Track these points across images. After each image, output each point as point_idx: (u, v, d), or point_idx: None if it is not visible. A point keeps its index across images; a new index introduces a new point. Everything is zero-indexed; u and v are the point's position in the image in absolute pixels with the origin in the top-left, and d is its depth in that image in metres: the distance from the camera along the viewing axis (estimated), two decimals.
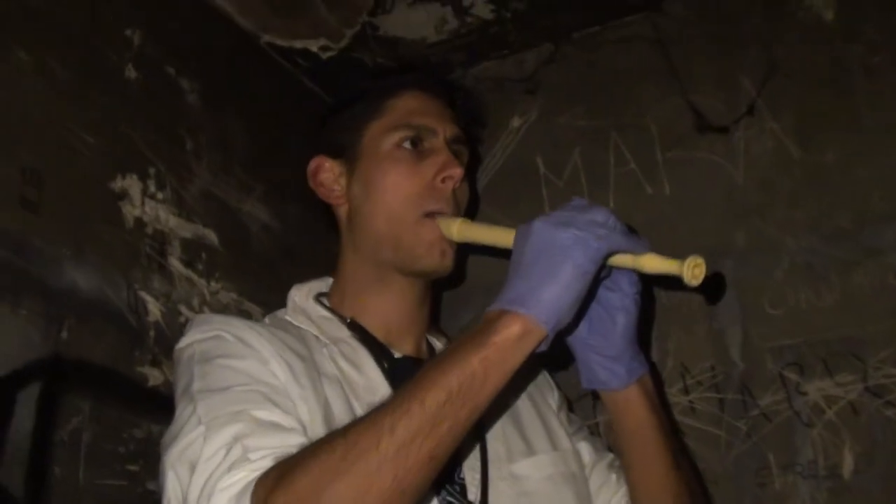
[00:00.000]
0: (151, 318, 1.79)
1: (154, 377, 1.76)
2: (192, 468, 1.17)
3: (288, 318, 1.48)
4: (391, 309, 1.50)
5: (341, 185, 1.54)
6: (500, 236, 1.36)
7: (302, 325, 1.46)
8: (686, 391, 2.00)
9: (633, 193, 2.18)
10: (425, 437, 1.10)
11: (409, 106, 1.53)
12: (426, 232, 1.46)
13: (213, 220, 1.99)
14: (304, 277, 1.58)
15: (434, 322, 1.62)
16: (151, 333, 1.79)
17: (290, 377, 1.31)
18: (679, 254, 1.18)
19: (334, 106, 1.63)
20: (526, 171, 2.31)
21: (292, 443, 1.18)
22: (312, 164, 1.57)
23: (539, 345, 1.17)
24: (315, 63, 2.32)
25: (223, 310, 1.97)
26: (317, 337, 1.44)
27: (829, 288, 1.94)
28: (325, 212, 1.60)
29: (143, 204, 1.83)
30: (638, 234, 1.26)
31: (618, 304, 1.33)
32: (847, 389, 1.88)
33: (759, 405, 1.94)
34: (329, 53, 2.29)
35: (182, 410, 1.26)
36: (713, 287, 1.99)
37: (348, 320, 1.48)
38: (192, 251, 1.93)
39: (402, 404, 1.12)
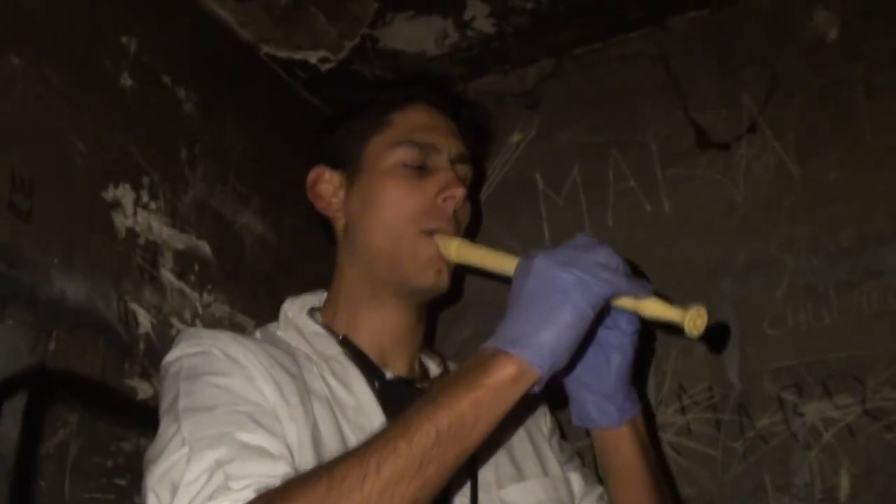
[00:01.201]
0: (142, 330, 1.77)
1: (143, 390, 1.74)
2: (174, 491, 1.15)
3: (279, 333, 1.47)
4: (385, 327, 1.49)
5: (340, 197, 1.53)
6: (499, 262, 1.34)
7: (293, 342, 1.44)
8: (683, 411, 1.98)
9: (633, 211, 2.16)
10: (411, 478, 1.09)
11: (414, 121, 1.52)
12: (423, 249, 1.44)
13: (206, 231, 1.97)
14: (299, 291, 1.56)
15: (428, 342, 1.60)
16: (141, 346, 1.77)
17: (278, 396, 1.29)
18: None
19: (337, 115, 1.62)
20: (525, 186, 2.29)
21: (276, 472, 1.16)
22: (312, 174, 1.55)
23: (532, 387, 1.16)
24: (314, 75, 2.31)
25: (215, 323, 1.94)
26: (307, 354, 1.42)
27: (830, 308, 1.92)
28: (323, 224, 1.58)
29: (136, 214, 1.81)
30: (643, 278, 1.24)
31: (614, 343, 1.31)
32: (846, 412, 1.86)
33: (755, 426, 1.93)
34: (328, 65, 2.28)
35: (166, 428, 1.24)
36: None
37: (340, 337, 1.46)
38: (185, 263, 1.91)
39: (390, 443, 1.10)
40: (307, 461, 1.23)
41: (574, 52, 2.31)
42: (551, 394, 1.26)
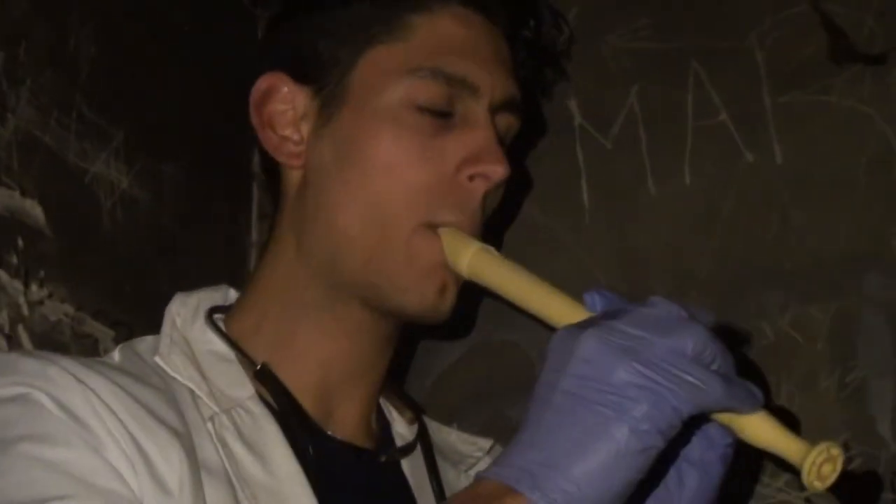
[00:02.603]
0: None
1: None
2: None
3: (157, 358, 1.40)
4: (336, 354, 1.47)
5: (302, 132, 1.49)
6: (533, 297, 1.32)
7: (179, 373, 1.38)
8: (799, 484, 1.79)
9: (724, 162, 2.03)
10: None
11: (443, 34, 1.48)
12: (422, 251, 1.42)
13: (36, 184, 1.82)
14: (189, 284, 1.55)
15: (394, 378, 1.59)
16: None
17: (146, 476, 1.23)
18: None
19: None
20: (553, 119, 2.15)
21: None
22: (261, 84, 1.50)
23: None
24: None
25: (50, 332, 1.78)
26: (198, 395, 1.37)
27: None
28: (267, 165, 1.56)
29: None
30: (750, 382, 1.17)
31: (695, 458, 1.24)
32: None
33: None
34: None
35: None
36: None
37: (258, 366, 1.42)
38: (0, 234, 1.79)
39: None
40: None
41: None
42: None
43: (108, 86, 1.97)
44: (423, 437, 1.53)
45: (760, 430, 1.17)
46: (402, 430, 1.54)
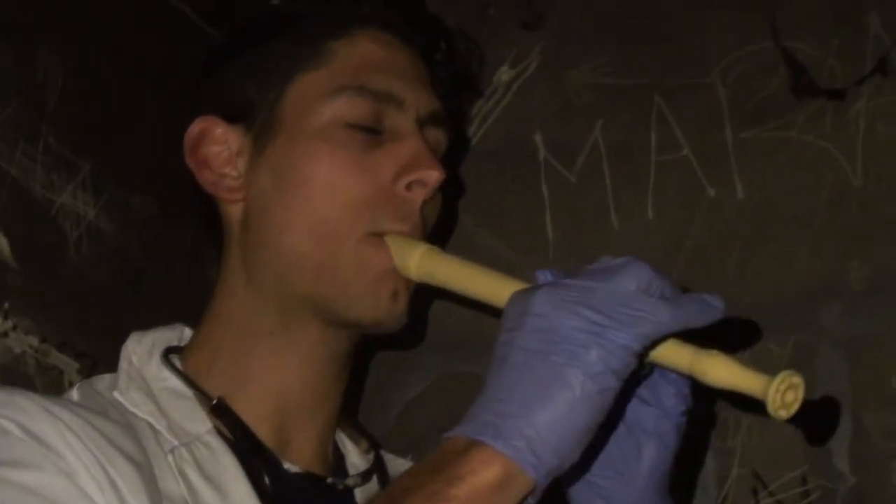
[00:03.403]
0: None
1: None
2: None
3: (116, 394, 1.41)
4: (292, 380, 1.47)
5: (238, 168, 1.51)
6: (483, 285, 1.34)
7: (138, 408, 1.39)
8: None
9: (686, 196, 2.06)
10: None
11: (364, 55, 1.52)
12: (371, 259, 1.43)
13: (1, 215, 1.83)
14: (156, 315, 1.57)
15: (348, 410, 1.59)
16: None
17: (113, 500, 1.24)
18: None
19: (237, 37, 1.62)
20: (518, 152, 2.19)
21: None
22: (194, 128, 1.52)
23: (523, 500, 1.13)
24: None
25: (14, 364, 1.79)
26: (157, 430, 1.38)
27: None
28: (204, 208, 1.56)
29: None
30: (710, 297, 1.20)
31: (650, 427, 1.29)
32: None
33: None
34: None
35: None
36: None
37: (214, 401, 1.42)
38: None
39: None
40: None
41: None
42: None
43: (75, 117, 1.97)
44: (379, 466, 1.53)
45: (721, 371, 1.18)
46: (357, 460, 1.54)
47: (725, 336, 1.22)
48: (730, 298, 1.82)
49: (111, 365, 1.46)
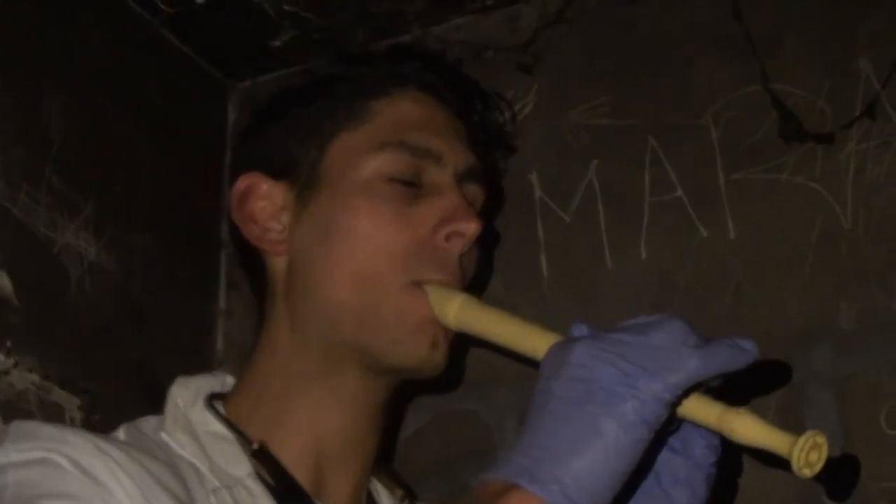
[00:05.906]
0: None
1: None
2: None
3: (163, 434, 1.44)
4: (330, 426, 1.49)
5: (283, 222, 1.54)
6: (521, 337, 1.35)
7: (183, 450, 1.42)
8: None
9: (679, 237, 2.07)
10: None
11: (404, 113, 1.55)
12: (411, 307, 1.45)
13: (4, 254, 1.87)
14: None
15: (384, 458, 1.61)
16: None
17: None
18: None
19: (281, 97, 1.64)
20: (513, 193, 2.20)
21: None
22: (241, 185, 1.56)
23: None
24: (185, 8, 2.20)
25: (16, 400, 1.82)
26: (200, 471, 1.40)
27: None
28: (247, 260, 1.60)
29: None
30: (742, 342, 1.22)
31: (681, 476, 1.30)
32: None
33: None
34: None
35: None
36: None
37: (255, 446, 1.44)
38: None
39: None
40: None
41: None
42: None
43: (77, 158, 2.02)
44: None
45: (748, 429, 1.20)
46: None
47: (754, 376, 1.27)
48: (722, 337, 1.85)
49: (113, 400, 1.49)
